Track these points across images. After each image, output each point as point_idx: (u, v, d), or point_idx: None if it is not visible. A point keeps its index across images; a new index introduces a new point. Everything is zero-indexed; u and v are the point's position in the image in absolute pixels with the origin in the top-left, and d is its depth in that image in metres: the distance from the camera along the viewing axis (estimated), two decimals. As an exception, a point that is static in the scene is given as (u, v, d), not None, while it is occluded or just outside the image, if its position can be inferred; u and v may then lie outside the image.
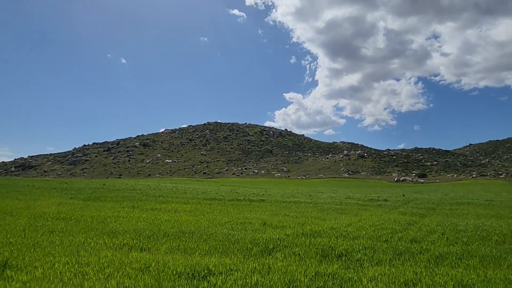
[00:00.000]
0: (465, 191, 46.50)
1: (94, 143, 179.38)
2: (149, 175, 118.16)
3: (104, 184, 35.98)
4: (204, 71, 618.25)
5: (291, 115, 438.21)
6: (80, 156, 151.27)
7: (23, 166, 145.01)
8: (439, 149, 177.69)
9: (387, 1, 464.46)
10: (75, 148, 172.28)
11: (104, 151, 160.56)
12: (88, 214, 12.17)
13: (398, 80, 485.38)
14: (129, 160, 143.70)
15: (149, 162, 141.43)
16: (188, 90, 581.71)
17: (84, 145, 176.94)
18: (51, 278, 4.70)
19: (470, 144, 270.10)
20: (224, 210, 15.27)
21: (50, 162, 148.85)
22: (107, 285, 4.40)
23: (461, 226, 10.38)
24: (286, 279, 4.77)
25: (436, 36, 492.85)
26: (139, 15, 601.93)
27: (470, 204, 19.48)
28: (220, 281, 4.64)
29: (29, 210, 12.74)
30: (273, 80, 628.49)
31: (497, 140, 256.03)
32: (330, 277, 4.97)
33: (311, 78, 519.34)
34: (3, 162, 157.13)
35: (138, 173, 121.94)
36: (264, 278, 4.80)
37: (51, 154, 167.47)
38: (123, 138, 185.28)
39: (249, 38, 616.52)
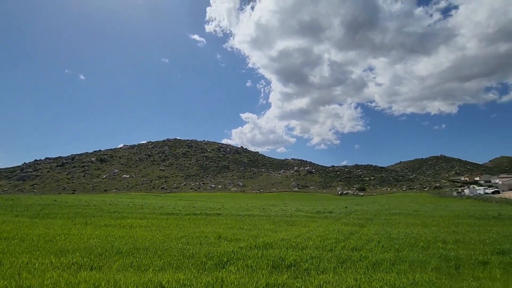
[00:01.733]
0: (397, 202, 49.84)
1: (46, 158, 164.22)
2: (105, 190, 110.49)
3: (55, 200, 32.77)
4: (164, 90, 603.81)
5: (246, 134, 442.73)
6: (31, 172, 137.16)
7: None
8: (376, 165, 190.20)
9: (331, 37, 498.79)
10: (25, 163, 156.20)
11: (57, 166, 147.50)
12: (35, 232, 10.91)
13: (341, 105, 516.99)
14: (84, 176, 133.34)
15: (105, 177, 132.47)
16: (149, 108, 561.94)
17: (36, 160, 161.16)
18: (-16, 305, 4.07)
19: (400, 162, 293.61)
20: (181, 224, 14.65)
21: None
22: (50, 309, 3.91)
23: (394, 234, 11.02)
24: (238, 292, 4.63)
25: (371, 69, 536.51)
26: (100, 33, 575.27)
27: (401, 214, 20.85)
28: (172, 297, 4.37)
29: (-34, 230, 11.10)
30: (231, 101, 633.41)
31: (422, 158, 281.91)
32: (280, 287, 4.92)
33: (265, 101, 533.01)
34: None
35: (93, 189, 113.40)
36: (217, 292, 4.62)
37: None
38: (79, 153, 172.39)
39: (208, 62, 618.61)
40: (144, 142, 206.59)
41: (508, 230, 12.19)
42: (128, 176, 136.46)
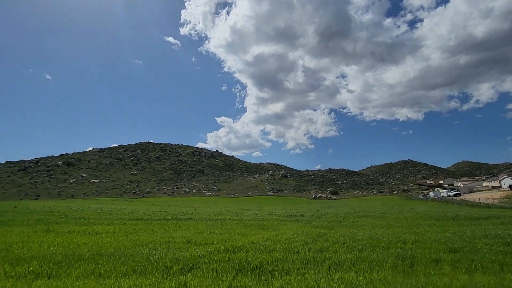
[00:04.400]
0: (367, 205, 51.59)
1: (7, 162, 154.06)
2: (72, 196, 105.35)
3: (15, 207, 30.86)
4: (137, 92, 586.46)
5: (222, 138, 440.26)
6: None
7: None
8: (348, 169, 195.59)
9: (305, 44, 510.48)
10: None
11: (19, 170, 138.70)
12: (-10, 240, 10.28)
13: (315, 110, 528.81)
14: (49, 180, 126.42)
15: (72, 182, 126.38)
16: (120, 110, 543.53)
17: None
18: None
19: (372, 166, 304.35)
20: (150, 230, 14.35)
21: None
22: (-1, 319, 3.76)
23: (359, 236, 11.46)
24: (200, 295, 4.68)
25: (343, 76, 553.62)
26: (68, 31, 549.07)
27: (369, 217, 21.65)
28: (132, 303, 4.33)
29: None
30: (206, 104, 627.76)
31: (391, 162, 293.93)
32: (242, 289, 5.02)
33: (240, 105, 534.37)
34: None
35: (59, 194, 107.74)
36: (179, 296, 4.63)
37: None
38: (44, 157, 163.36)
39: (183, 65, 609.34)
40: (115, 145, 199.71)
41: (462, 230, 13.05)
42: (98, 180, 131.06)
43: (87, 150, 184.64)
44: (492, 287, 5.29)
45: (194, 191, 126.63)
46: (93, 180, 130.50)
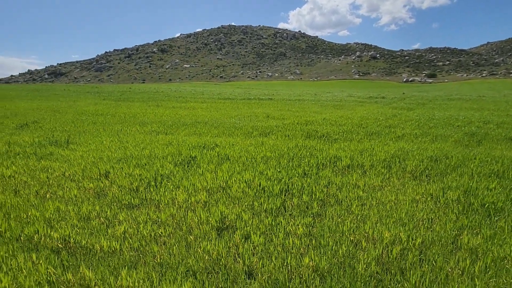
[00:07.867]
0: (468, 89, 45.52)
1: (115, 50, 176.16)
2: (170, 80, 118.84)
3: (130, 88, 37.39)
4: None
5: (305, 16, 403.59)
6: (104, 63, 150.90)
7: (55, 73, 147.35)
8: (454, 48, 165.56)
9: None
10: (98, 55, 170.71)
11: (125, 57, 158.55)
12: (121, 111, 13.59)
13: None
14: (150, 66, 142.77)
15: (168, 67, 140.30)
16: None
17: (106, 52, 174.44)
18: (102, 149, 6.11)
19: (488, 42, 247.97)
20: (235, 107, 16.43)
21: (78, 69, 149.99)
22: (142, 153, 5.76)
23: (437, 116, 11.20)
24: (272, 149, 6.01)
25: None
26: None
27: (460, 100, 19.81)
28: (223, 149, 5.94)
29: (72, 109, 14.29)
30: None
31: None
32: (305, 147, 6.18)
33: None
34: (36, 70, 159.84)
35: (159, 78, 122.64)
36: (256, 149, 6.06)
37: (77, 62, 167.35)
38: (141, 44, 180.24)
39: None
40: (199, 30, 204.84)
41: None
42: (189, 66, 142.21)
43: (176, 36, 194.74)
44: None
45: (277, 74, 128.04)
46: (185, 66, 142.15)
